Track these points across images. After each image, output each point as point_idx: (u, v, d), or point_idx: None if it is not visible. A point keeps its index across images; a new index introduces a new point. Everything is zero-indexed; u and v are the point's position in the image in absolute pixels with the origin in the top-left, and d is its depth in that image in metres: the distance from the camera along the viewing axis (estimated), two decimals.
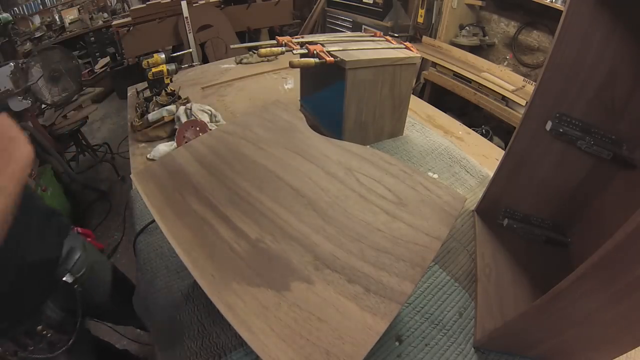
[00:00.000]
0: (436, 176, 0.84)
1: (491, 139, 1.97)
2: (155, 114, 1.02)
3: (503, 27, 2.33)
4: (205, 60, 2.73)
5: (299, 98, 1.09)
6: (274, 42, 0.85)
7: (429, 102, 1.30)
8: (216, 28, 2.81)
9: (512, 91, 1.92)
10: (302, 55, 0.80)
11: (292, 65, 0.77)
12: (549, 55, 0.55)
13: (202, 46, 2.81)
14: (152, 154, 0.93)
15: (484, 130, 2.04)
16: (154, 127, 1.01)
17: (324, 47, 0.81)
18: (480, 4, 2.31)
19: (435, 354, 0.51)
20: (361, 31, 2.71)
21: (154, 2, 2.69)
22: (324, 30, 3.27)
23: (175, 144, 0.95)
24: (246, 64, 1.51)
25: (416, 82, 2.60)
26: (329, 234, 0.35)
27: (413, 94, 0.97)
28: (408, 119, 0.97)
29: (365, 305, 0.30)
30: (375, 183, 0.41)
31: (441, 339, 0.53)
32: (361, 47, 0.84)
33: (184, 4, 2.61)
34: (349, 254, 0.33)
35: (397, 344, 0.52)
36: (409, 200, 0.39)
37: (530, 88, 1.89)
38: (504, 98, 1.97)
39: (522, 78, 1.98)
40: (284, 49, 0.82)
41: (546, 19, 2.03)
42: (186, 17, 2.65)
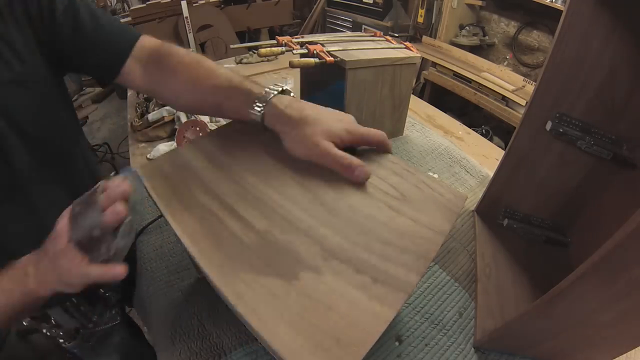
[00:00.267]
0: (436, 176, 0.84)
1: (491, 139, 1.97)
2: (155, 114, 1.02)
3: (503, 27, 2.33)
4: None
5: (299, 98, 1.09)
6: (274, 42, 0.85)
7: (429, 102, 1.31)
8: (216, 28, 2.81)
9: (512, 91, 1.92)
10: (302, 55, 0.80)
11: (292, 65, 0.77)
12: (549, 55, 0.55)
13: (202, 46, 2.81)
14: (152, 154, 0.93)
15: (484, 130, 2.04)
16: (154, 127, 1.01)
17: (324, 47, 0.81)
18: (480, 3, 2.31)
19: (435, 354, 0.51)
20: (361, 31, 2.71)
21: (154, 2, 2.69)
22: (324, 30, 3.27)
23: (175, 144, 0.95)
24: (246, 63, 1.51)
25: (416, 82, 2.61)
26: (336, 227, 0.35)
27: (413, 94, 0.97)
28: (408, 119, 0.97)
29: (372, 295, 0.30)
30: (380, 180, 0.41)
31: (441, 339, 0.53)
32: (361, 47, 0.84)
33: (184, 4, 2.61)
34: (355, 246, 0.34)
35: (397, 344, 0.52)
36: (412, 198, 0.39)
37: (530, 88, 1.89)
38: (504, 98, 1.97)
39: (522, 78, 1.98)
40: (284, 49, 0.82)
41: (546, 19, 2.03)
42: (186, 17, 2.65)
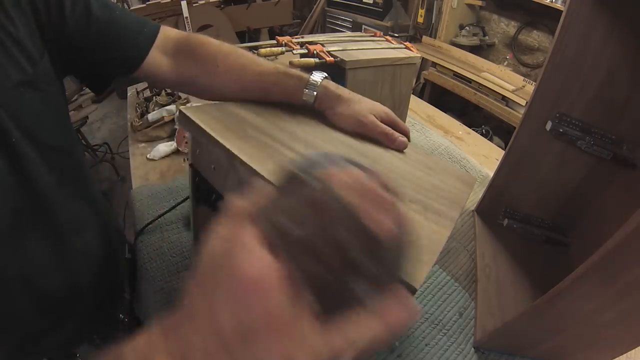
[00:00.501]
0: None
1: (491, 139, 1.97)
2: (155, 114, 1.02)
3: (503, 27, 2.33)
4: None
5: None
6: (274, 42, 0.85)
7: (429, 102, 1.30)
8: (216, 28, 2.81)
9: (512, 91, 1.92)
10: (302, 55, 0.80)
11: (292, 65, 0.77)
12: (549, 55, 0.55)
13: None
14: (152, 154, 0.93)
15: (484, 130, 2.04)
16: (154, 127, 1.01)
17: (324, 47, 0.81)
18: (480, 4, 2.31)
19: (435, 354, 0.51)
20: (361, 31, 2.71)
21: (154, 2, 2.69)
22: (324, 30, 3.27)
23: (175, 144, 0.95)
24: None
25: (416, 82, 2.61)
26: (381, 171, 0.39)
27: (413, 94, 0.97)
28: (408, 119, 0.97)
29: (427, 218, 0.35)
30: (408, 150, 0.47)
31: (441, 339, 0.53)
32: (361, 47, 0.84)
33: (184, 4, 2.61)
34: (402, 186, 0.38)
35: (397, 344, 0.52)
36: (436, 168, 0.44)
37: (530, 88, 1.89)
38: (504, 98, 1.97)
39: (522, 78, 1.98)
40: (284, 49, 0.82)
41: (546, 19, 2.03)
42: (186, 17, 2.66)
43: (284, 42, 0.84)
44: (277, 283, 0.16)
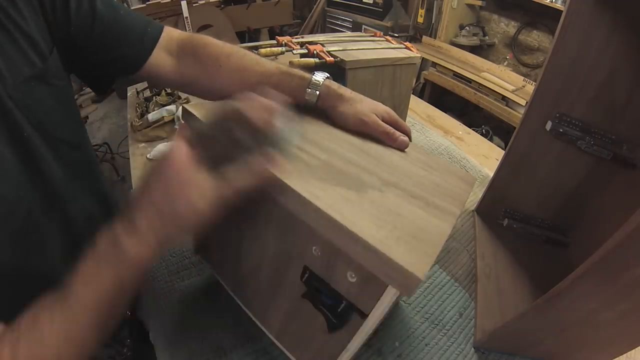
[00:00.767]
0: None
1: (491, 139, 1.97)
2: (155, 114, 1.02)
3: (503, 27, 2.33)
4: None
5: None
6: (274, 42, 0.86)
7: (429, 102, 1.31)
8: (216, 28, 2.81)
9: (512, 91, 1.92)
10: (302, 55, 0.80)
11: (292, 65, 0.77)
12: (549, 55, 0.55)
13: None
14: (152, 154, 0.93)
15: (484, 130, 2.04)
16: (154, 127, 1.01)
17: (324, 47, 0.82)
18: (480, 4, 2.32)
19: (435, 354, 0.51)
20: (361, 31, 2.71)
21: (154, 2, 2.69)
22: (324, 30, 3.27)
23: None
24: None
25: (416, 82, 2.61)
26: (385, 169, 0.41)
27: (413, 94, 0.97)
28: (408, 119, 0.97)
29: (430, 212, 0.35)
30: (410, 150, 0.48)
31: (441, 339, 0.53)
32: (361, 47, 0.84)
33: (184, 4, 2.61)
34: (405, 183, 0.39)
35: (397, 344, 0.52)
36: (437, 168, 0.45)
37: (530, 88, 1.89)
38: (504, 98, 1.97)
39: (522, 78, 1.98)
40: (284, 49, 0.82)
41: (546, 19, 2.03)
42: (186, 17, 2.66)
43: (284, 42, 0.84)
44: (185, 160, 0.32)
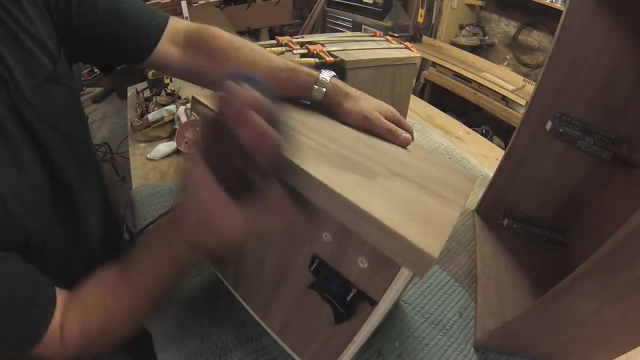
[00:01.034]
0: None
1: (491, 139, 1.97)
2: (155, 114, 1.02)
3: (503, 27, 2.33)
4: None
5: None
6: (274, 42, 0.85)
7: (429, 102, 1.30)
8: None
9: (512, 91, 1.92)
10: (302, 55, 0.80)
11: None
12: (549, 55, 0.55)
13: None
14: (152, 154, 0.93)
15: (484, 130, 2.04)
16: (154, 127, 1.01)
17: (324, 47, 0.81)
18: (480, 4, 2.31)
19: (435, 354, 0.51)
20: (361, 31, 2.71)
21: (153, 2, 2.69)
22: (324, 30, 3.27)
23: (175, 144, 0.95)
24: None
25: (416, 82, 2.61)
26: (391, 162, 0.41)
27: (413, 94, 0.97)
28: (408, 118, 0.97)
29: (437, 200, 0.36)
30: (412, 147, 0.48)
31: (441, 339, 0.53)
32: (361, 47, 0.84)
33: (183, 4, 2.61)
34: (411, 174, 0.39)
35: (397, 344, 0.52)
36: (439, 164, 0.46)
37: (530, 88, 1.89)
38: (504, 98, 1.97)
39: (522, 78, 1.98)
40: (284, 49, 0.82)
41: (546, 19, 2.03)
42: (186, 17, 2.65)
43: (284, 42, 0.84)
44: (212, 189, 0.32)
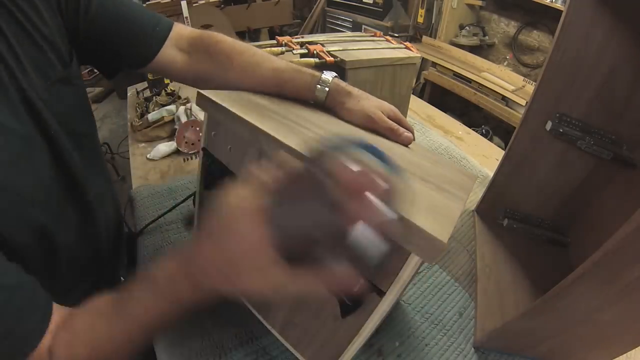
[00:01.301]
0: None
1: (491, 139, 1.98)
2: (155, 114, 1.02)
3: (503, 27, 2.33)
4: None
5: None
6: (274, 42, 0.85)
7: (429, 102, 1.30)
8: (216, 28, 2.81)
9: (512, 91, 1.92)
10: (302, 55, 0.80)
11: None
12: (549, 55, 0.55)
13: None
14: (152, 154, 0.93)
15: (484, 130, 2.04)
16: (154, 127, 1.01)
17: (324, 47, 0.82)
18: (480, 4, 2.31)
19: (435, 354, 0.51)
20: (361, 31, 2.71)
21: (153, 2, 2.69)
22: (324, 30, 3.27)
23: (175, 144, 0.95)
24: None
25: (416, 82, 2.60)
26: (396, 157, 0.41)
27: (413, 94, 0.97)
28: (408, 118, 0.97)
29: (441, 194, 0.36)
30: (414, 146, 0.48)
31: (441, 339, 0.53)
32: (361, 47, 0.84)
33: (183, 4, 2.61)
34: (414, 170, 0.39)
35: (397, 344, 0.52)
36: (441, 162, 0.46)
37: (530, 88, 1.89)
38: (504, 98, 1.97)
39: (522, 78, 1.98)
40: (284, 49, 0.82)
41: (546, 19, 2.03)
42: (186, 17, 2.65)
43: (284, 42, 0.84)
44: (259, 243, 0.26)
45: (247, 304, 0.50)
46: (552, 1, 1.86)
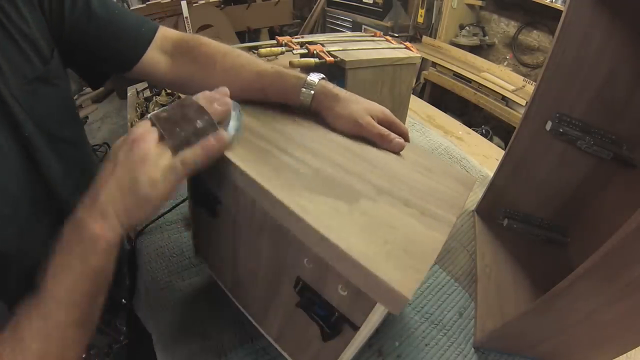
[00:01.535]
0: None
1: (491, 139, 1.98)
2: None
3: (503, 27, 2.33)
4: None
5: None
6: (274, 42, 0.85)
7: (429, 102, 1.31)
8: (216, 28, 2.81)
9: (512, 91, 1.92)
10: (302, 55, 0.80)
11: (292, 65, 0.77)
12: (549, 55, 0.55)
13: None
14: None
15: (484, 130, 2.04)
16: None
17: (324, 47, 0.81)
18: (480, 4, 2.32)
19: (435, 354, 0.51)
20: (361, 31, 2.71)
21: (154, 2, 2.69)
22: (324, 30, 3.27)
23: None
24: None
25: (416, 82, 2.60)
26: (379, 175, 0.40)
27: (413, 94, 0.97)
28: (408, 119, 0.97)
29: (423, 222, 0.34)
30: (406, 152, 0.46)
31: (441, 339, 0.53)
32: (361, 47, 0.84)
33: (184, 4, 2.61)
34: (399, 189, 0.38)
35: (396, 344, 0.52)
36: (435, 170, 0.44)
37: (530, 88, 1.89)
38: (504, 98, 1.97)
39: (522, 78, 1.98)
40: (284, 48, 0.82)
41: (546, 19, 2.03)
42: (186, 17, 2.65)
43: (284, 42, 0.84)
44: (147, 137, 0.33)
45: (244, 312, 0.50)
46: (552, 1, 1.86)
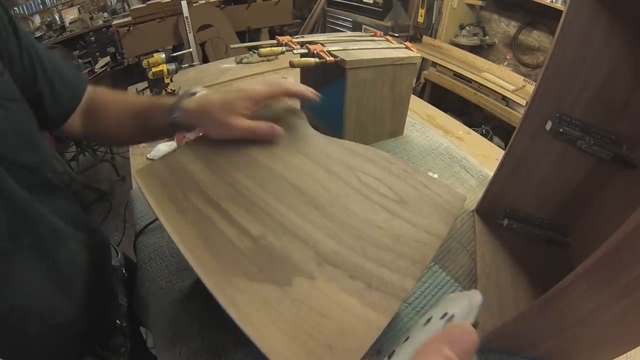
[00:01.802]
0: (436, 176, 0.84)
1: (491, 139, 1.98)
2: None
3: (503, 27, 2.33)
4: (205, 60, 2.73)
5: None
6: (274, 41, 0.85)
7: (429, 102, 1.30)
8: (216, 28, 2.81)
9: (512, 91, 1.92)
10: (302, 55, 0.80)
11: (292, 65, 0.77)
12: (549, 55, 0.55)
13: (202, 46, 2.81)
14: (152, 153, 0.93)
15: (484, 130, 2.04)
16: None
17: (324, 46, 0.81)
18: (480, 4, 2.32)
19: None
20: (361, 31, 2.71)
21: (154, 2, 2.69)
22: (324, 30, 3.27)
23: (175, 143, 0.95)
24: (246, 63, 1.51)
25: (416, 82, 2.61)
26: (331, 231, 0.35)
27: (413, 93, 0.97)
28: (408, 118, 0.97)
29: (366, 301, 0.30)
30: (377, 182, 0.41)
31: None
32: (361, 47, 0.84)
33: (184, 4, 2.61)
34: (350, 250, 0.34)
35: (396, 344, 0.52)
36: (409, 199, 0.39)
37: (530, 88, 1.89)
38: (504, 98, 1.97)
39: (522, 78, 1.98)
40: (284, 48, 0.82)
41: (546, 19, 2.03)
42: (186, 17, 2.65)
43: (284, 42, 0.84)
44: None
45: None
46: (552, 1, 1.86)
